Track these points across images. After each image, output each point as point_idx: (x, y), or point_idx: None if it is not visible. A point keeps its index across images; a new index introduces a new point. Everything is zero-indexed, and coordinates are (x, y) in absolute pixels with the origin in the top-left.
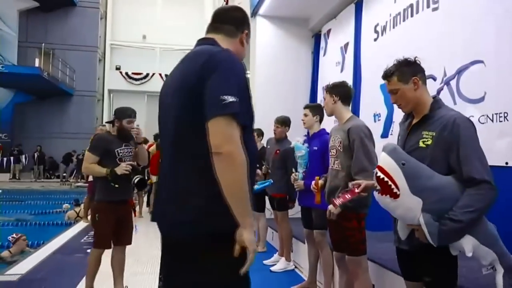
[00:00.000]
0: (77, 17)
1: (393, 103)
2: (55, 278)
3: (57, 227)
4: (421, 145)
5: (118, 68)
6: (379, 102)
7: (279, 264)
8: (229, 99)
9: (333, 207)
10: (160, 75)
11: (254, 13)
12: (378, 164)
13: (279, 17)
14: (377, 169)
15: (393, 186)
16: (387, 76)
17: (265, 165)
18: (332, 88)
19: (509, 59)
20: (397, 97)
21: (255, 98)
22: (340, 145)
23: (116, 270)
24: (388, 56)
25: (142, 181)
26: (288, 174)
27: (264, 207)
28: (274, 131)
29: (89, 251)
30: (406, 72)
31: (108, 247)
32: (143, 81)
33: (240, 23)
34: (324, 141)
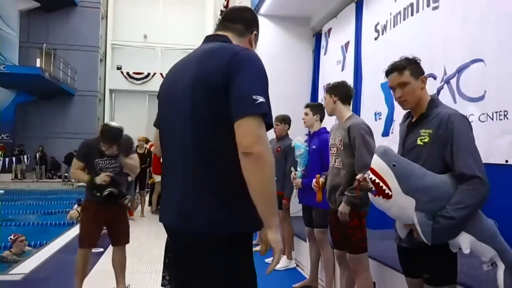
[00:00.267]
0: (78, 17)
1: (397, 98)
2: (59, 278)
3: (59, 227)
4: (418, 143)
5: (119, 68)
6: (380, 101)
7: (281, 263)
8: (260, 99)
9: (343, 208)
10: (161, 74)
11: None
12: (370, 166)
13: (280, 16)
14: (369, 171)
15: (384, 187)
16: (398, 68)
17: None
18: (331, 88)
19: (509, 57)
20: (404, 91)
21: None
22: (341, 143)
23: (117, 270)
24: (388, 55)
25: (111, 195)
26: (287, 171)
27: None
28: (274, 129)
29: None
30: (417, 69)
31: (91, 246)
32: (144, 80)
33: (250, 23)
34: (322, 139)
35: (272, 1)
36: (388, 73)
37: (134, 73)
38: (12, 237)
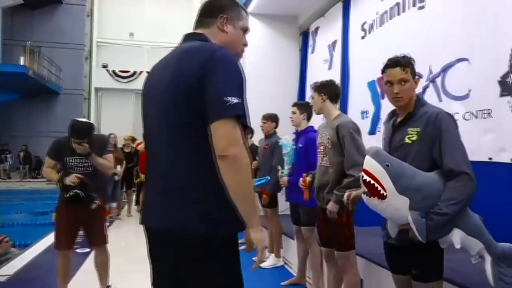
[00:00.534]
0: (63, 15)
1: (393, 93)
2: (44, 279)
3: (44, 227)
4: (407, 141)
5: (105, 66)
6: (366, 100)
7: (269, 261)
8: (233, 100)
9: (331, 206)
10: (148, 73)
11: None
12: (363, 168)
13: (268, 14)
14: (363, 173)
15: (379, 188)
16: (402, 64)
17: (257, 160)
18: (320, 87)
19: (492, 57)
20: (403, 88)
21: None
22: (329, 142)
23: (98, 271)
24: (375, 54)
25: (76, 197)
26: (272, 168)
27: None
28: (261, 127)
29: (78, 250)
30: (414, 69)
31: (67, 248)
32: (131, 79)
33: (213, 10)
34: (308, 138)
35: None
36: (388, 66)
37: (120, 71)
38: None
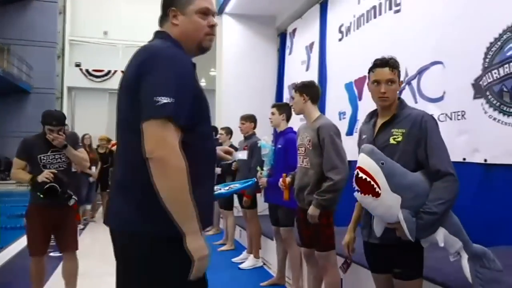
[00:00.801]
0: (34, 11)
1: (380, 93)
2: (16, 284)
3: (15, 231)
4: (392, 142)
5: (78, 65)
6: (344, 101)
7: (248, 262)
8: (163, 100)
9: (312, 211)
10: (122, 72)
11: (220, 11)
12: (358, 165)
13: (245, 15)
14: (357, 170)
15: (375, 185)
16: (391, 65)
17: (236, 161)
18: (302, 87)
19: (466, 60)
20: (390, 88)
21: (221, 97)
22: (309, 143)
23: (66, 279)
24: (352, 56)
25: (52, 191)
26: (251, 169)
27: (232, 205)
28: (240, 128)
29: (51, 254)
30: (400, 72)
31: (39, 253)
32: (105, 78)
33: (166, 4)
34: (288, 139)
35: (237, 0)
36: (377, 66)
37: (94, 70)
38: None
